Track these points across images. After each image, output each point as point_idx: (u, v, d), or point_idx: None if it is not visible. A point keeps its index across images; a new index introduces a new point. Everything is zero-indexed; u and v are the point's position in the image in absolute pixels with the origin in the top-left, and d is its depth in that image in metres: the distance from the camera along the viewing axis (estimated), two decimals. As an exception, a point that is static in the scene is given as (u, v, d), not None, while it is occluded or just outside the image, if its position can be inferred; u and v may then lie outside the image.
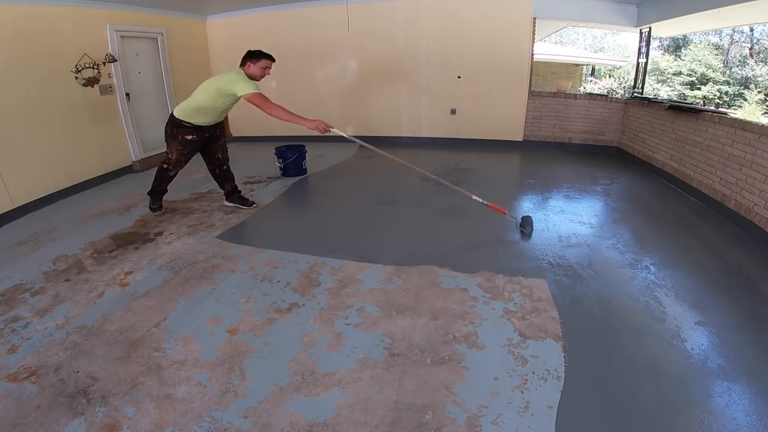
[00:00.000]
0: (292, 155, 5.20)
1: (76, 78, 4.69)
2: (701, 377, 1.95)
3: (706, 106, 7.26)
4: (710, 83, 17.73)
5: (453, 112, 6.91)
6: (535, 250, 3.23)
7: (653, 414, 1.73)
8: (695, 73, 18.14)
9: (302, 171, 5.35)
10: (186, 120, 3.57)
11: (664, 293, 2.63)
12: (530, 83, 6.54)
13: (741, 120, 3.95)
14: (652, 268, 2.96)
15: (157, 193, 3.92)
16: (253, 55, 3.48)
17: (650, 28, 6.10)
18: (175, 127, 3.61)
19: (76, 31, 4.65)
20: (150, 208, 3.95)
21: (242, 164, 5.94)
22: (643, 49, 6.35)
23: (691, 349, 2.14)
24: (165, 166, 3.78)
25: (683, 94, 17.86)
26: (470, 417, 1.70)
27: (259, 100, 3.29)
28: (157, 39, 5.78)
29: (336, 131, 3.40)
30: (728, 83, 17.99)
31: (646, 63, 6.46)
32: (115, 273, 2.94)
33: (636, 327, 2.31)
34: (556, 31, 10.64)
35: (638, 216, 4.01)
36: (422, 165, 5.79)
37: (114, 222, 3.85)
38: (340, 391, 1.86)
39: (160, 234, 3.58)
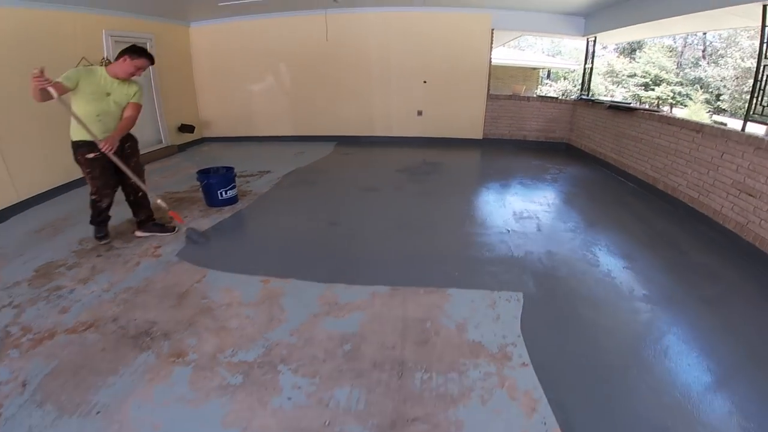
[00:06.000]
0: (204, 179, 4.28)
1: (75, 80, 4.97)
2: (629, 302, 2.61)
3: (640, 105, 8.18)
4: (664, 84, 18.43)
5: (419, 113, 7.59)
6: (495, 221, 3.92)
7: (590, 329, 2.38)
8: (649, 74, 18.75)
9: (224, 200, 4.32)
10: (75, 139, 3.10)
11: (599, 249, 3.36)
12: (488, 87, 7.30)
13: (666, 116, 4.80)
14: (590, 231, 3.69)
15: (98, 222, 3.45)
16: (133, 51, 3.06)
17: (596, 37, 6.95)
18: (73, 151, 3.14)
19: (76, 35, 4.94)
20: (95, 237, 3.48)
21: (234, 163, 6.31)
22: (590, 56, 7.21)
23: (620, 283, 2.82)
24: (93, 197, 3.30)
25: (637, 95, 18.61)
26: (458, 324, 2.33)
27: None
28: (146, 44, 6.10)
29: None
30: (681, 84, 18.85)
31: (591, 68, 7.31)
32: (145, 248, 3.33)
33: (576, 270, 3.01)
34: (512, 39, 11.55)
35: (582, 197, 4.77)
36: (394, 160, 6.44)
37: (125, 210, 4.13)
38: (360, 312, 2.44)
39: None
